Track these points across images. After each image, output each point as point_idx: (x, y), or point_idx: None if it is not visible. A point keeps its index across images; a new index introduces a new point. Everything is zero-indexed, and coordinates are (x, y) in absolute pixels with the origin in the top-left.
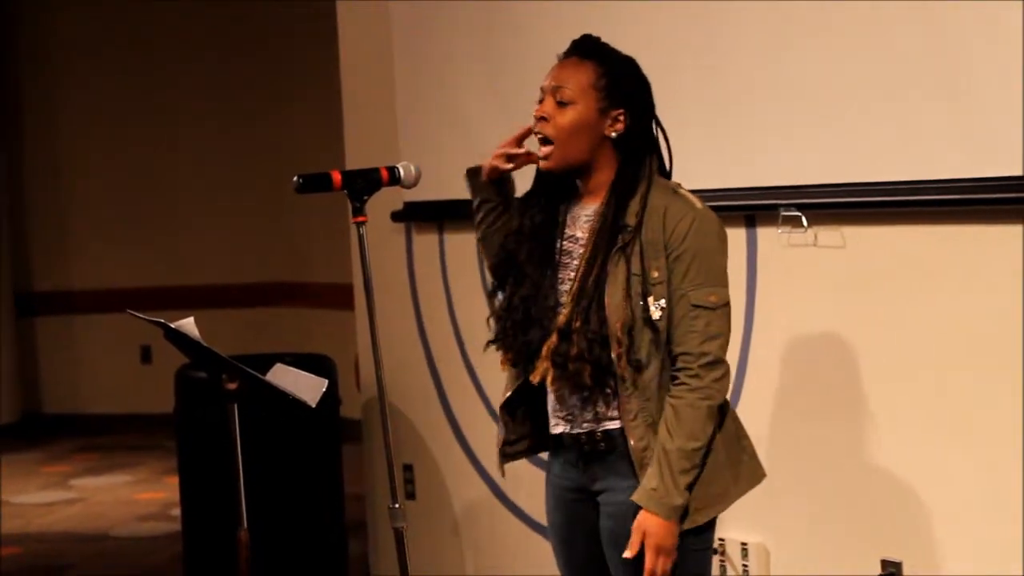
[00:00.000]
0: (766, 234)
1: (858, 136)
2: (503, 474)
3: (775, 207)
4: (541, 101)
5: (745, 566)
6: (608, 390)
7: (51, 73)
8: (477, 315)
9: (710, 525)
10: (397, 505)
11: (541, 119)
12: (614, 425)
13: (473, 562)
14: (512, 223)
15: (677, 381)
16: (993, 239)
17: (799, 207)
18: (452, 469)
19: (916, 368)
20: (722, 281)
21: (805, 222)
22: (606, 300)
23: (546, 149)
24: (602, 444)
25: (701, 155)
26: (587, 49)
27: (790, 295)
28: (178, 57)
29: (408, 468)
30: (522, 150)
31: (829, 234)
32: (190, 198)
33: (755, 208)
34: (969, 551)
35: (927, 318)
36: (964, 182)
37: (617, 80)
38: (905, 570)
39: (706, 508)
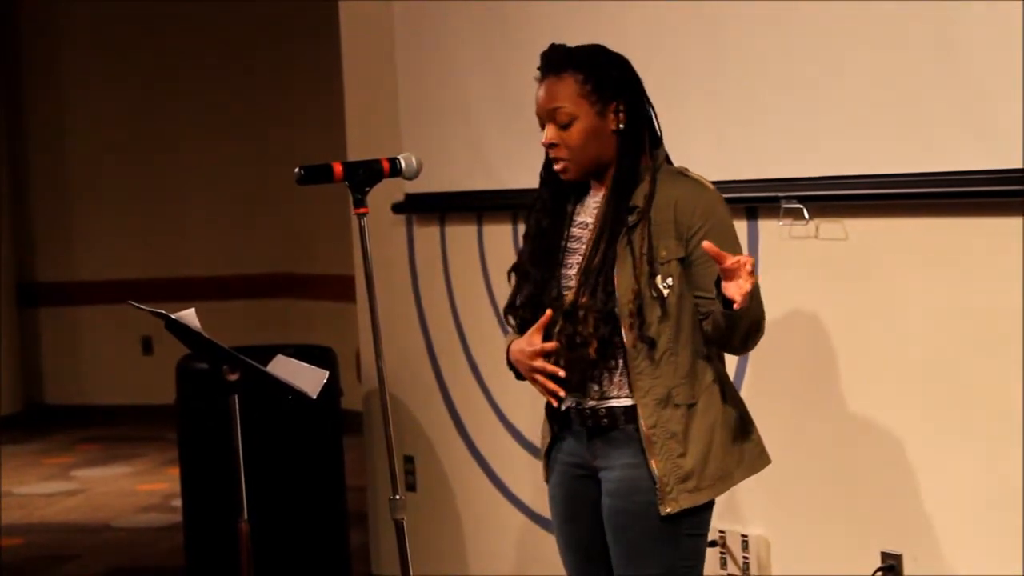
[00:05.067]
0: (768, 226)
1: (860, 128)
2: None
3: (776, 199)
4: (542, 128)
5: (746, 558)
6: (613, 364)
7: (55, 65)
8: (478, 307)
9: (707, 509)
10: (398, 496)
11: (552, 146)
12: (618, 403)
13: (473, 553)
14: None
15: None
16: (994, 231)
17: (800, 199)
18: (453, 461)
19: (917, 360)
20: (740, 248)
21: (807, 214)
22: (615, 277)
23: (562, 165)
24: (605, 420)
25: (703, 147)
26: (559, 62)
27: (792, 287)
28: (181, 50)
29: (409, 460)
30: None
31: (831, 226)
32: (192, 190)
33: (757, 200)
34: (969, 543)
35: (928, 310)
36: (965, 174)
37: (600, 78)
38: (905, 562)
39: (708, 488)
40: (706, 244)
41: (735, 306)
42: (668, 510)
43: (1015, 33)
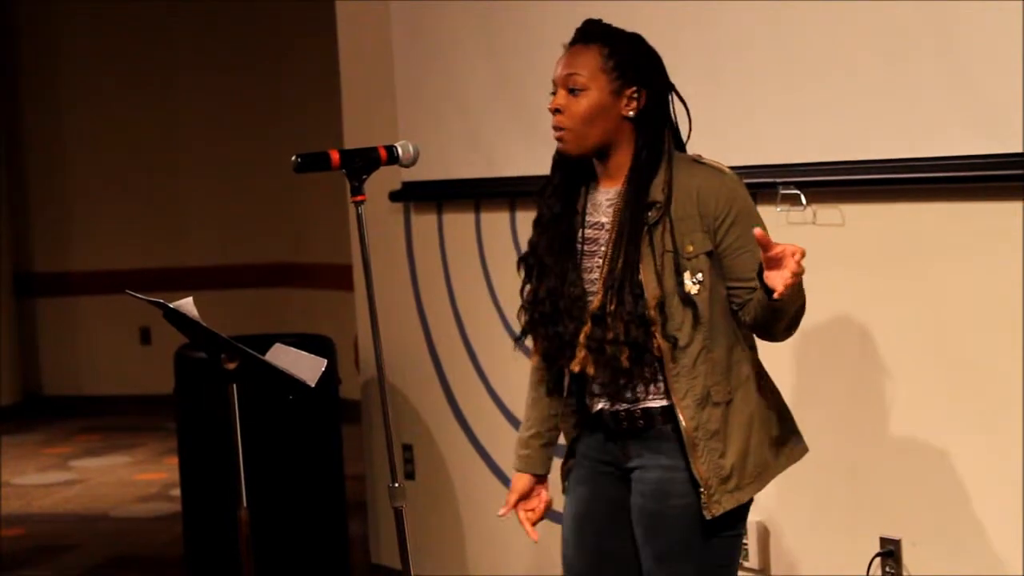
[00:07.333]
0: (765, 212)
1: (857, 113)
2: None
3: (774, 185)
4: (554, 94)
5: (745, 544)
6: (648, 370)
7: (52, 55)
8: (476, 295)
9: (744, 507)
10: (397, 484)
11: (556, 112)
12: (654, 404)
13: (472, 541)
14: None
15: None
16: (993, 216)
17: (798, 185)
18: (451, 449)
19: (915, 345)
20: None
21: (804, 200)
22: (641, 279)
23: (561, 134)
24: (641, 422)
25: (699, 133)
26: (591, 33)
27: None
28: (178, 39)
29: (407, 448)
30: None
31: (828, 212)
32: (190, 179)
33: (754, 186)
34: (968, 528)
35: (927, 295)
36: (964, 159)
37: (626, 59)
38: (904, 547)
39: (748, 486)
40: (757, 232)
41: (776, 295)
42: (713, 513)
43: (1014, 17)
